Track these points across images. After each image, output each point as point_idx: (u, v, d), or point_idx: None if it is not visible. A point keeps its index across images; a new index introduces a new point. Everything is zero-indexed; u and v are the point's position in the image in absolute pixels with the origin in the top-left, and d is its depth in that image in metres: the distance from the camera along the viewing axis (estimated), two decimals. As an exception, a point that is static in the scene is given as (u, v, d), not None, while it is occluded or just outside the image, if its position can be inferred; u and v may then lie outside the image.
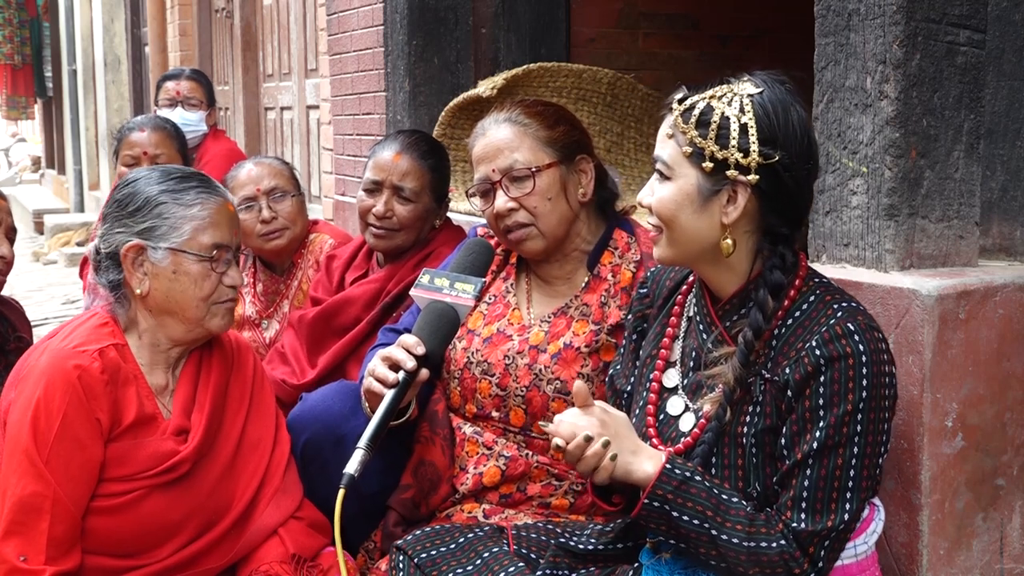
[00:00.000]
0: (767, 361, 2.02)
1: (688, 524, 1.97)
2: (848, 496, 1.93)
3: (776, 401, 1.99)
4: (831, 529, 1.93)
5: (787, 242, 2.05)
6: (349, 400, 2.72)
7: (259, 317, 3.81)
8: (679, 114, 2.05)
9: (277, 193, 3.72)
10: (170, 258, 2.39)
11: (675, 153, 2.05)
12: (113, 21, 12.55)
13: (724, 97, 2.02)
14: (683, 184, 2.04)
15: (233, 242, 2.47)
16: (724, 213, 2.02)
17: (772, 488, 2.00)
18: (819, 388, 1.94)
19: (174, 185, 2.43)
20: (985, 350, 2.28)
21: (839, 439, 1.92)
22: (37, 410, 2.27)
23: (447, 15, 4.65)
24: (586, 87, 3.62)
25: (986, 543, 2.31)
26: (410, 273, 3.22)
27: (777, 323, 2.03)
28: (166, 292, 2.40)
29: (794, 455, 1.95)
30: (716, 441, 2.04)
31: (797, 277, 2.05)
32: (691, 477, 1.98)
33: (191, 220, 2.40)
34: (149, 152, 4.45)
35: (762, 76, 2.05)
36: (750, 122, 1.98)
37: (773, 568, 1.94)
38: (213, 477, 2.45)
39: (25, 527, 2.25)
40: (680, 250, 2.09)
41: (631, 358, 2.30)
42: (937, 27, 2.29)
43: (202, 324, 2.44)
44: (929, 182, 2.33)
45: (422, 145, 3.33)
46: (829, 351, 1.93)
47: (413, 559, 2.24)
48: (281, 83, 7.64)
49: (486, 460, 2.63)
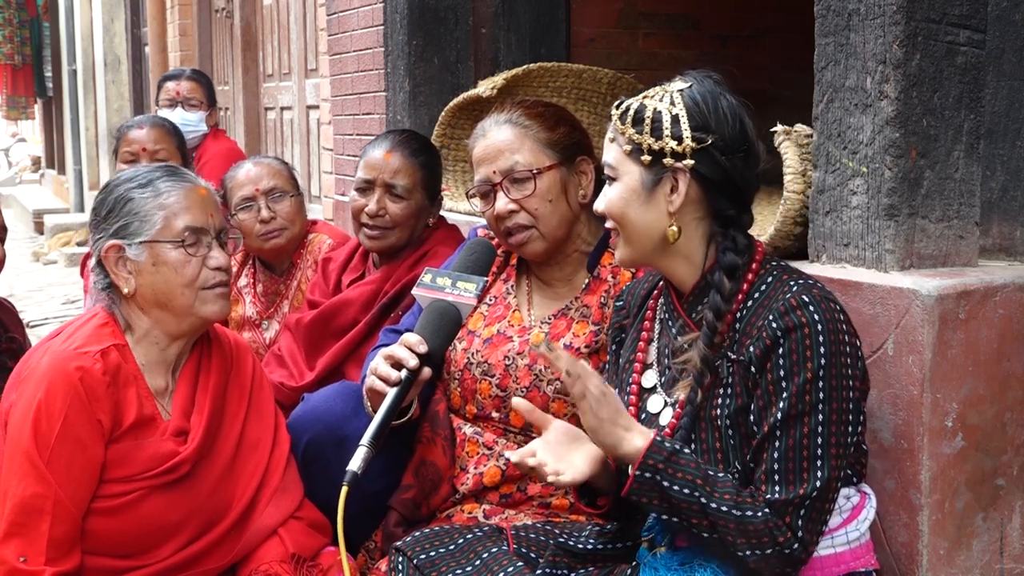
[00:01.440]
0: (732, 343, 2.06)
1: (679, 494, 1.98)
2: (819, 464, 1.96)
3: (744, 380, 2.03)
4: (804, 496, 1.95)
5: (736, 225, 2.13)
6: (351, 401, 2.72)
7: (259, 318, 3.81)
8: (617, 117, 2.14)
9: (276, 193, 3.72)
10: (147, 251, 2.39)
11: (617, 154, 2.14)
12: (113, 21, 12.54)
13: (656, 95, 2.12)
14: (628, 181, 2.12)
15: (210, 224, 2.45)
16: (669, 202, 2.10)
17: (748, 466, 2.03)
18: (779, 360, 1.98)
19: (139, 181, 2.43)
20: (985, 350, 2.28)
21: (803, 408, 1.96)
22: (38, 412, 2.28)
23: (447, 15, 4.65)
24: (586, 87, 3.62)
25: (986, 543, 2.31)
26: (406, 274, 3.22)
27: (738, 306, 2.08)
28: (151, 286, 2.40)
29: (762, 429, 2.00)
30: (693, 426, 2.08)
31: (754, 260, 2.11)
32: (680, 450, 2.01)
33: (160, 209, 2.40)
34: (148, 148, 4.44)
35: (692, 73, 2.15)
36: (681, 112, 2.08)
37: (760, 537, 1.96)
38: (213, 478, 2.46)
39: (26, 528, 2.25)
40: (636, 247, 2.16)
41: (614, 369, 2.33)
42: (937, 27, 2.29)
43: (193, 312, 2.43)
44: (929, 182, 2.33)
45: (413, 143, 3.33)
46: (785, 323, 1.98)
47: (412, 560, 2.24)
48: (281, 83, 7.64)
49: (486, 460, 2.63)
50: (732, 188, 2.11)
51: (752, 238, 2.15)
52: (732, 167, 2.09)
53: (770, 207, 3.01)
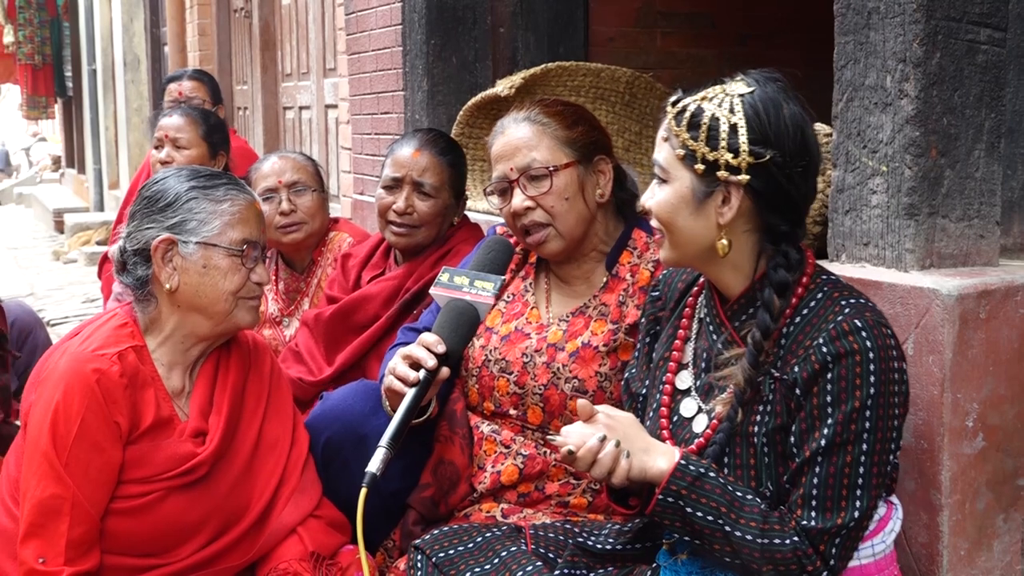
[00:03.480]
0: (776, 360, 2.01)
1: (702, 520, 1.96)
2: (858, 494, 1.92)
3: (786, 400, 1.99)
4: (841, 527, 1.92)
5: (789, 240, 2.05)
6: (370, 400, 2.72)
7: (280, 315, 3.82)
8: (672, 117, 2.05)
9: (298, 187, 3.74)
10: (200, 252, 2.40)
11: (669, 156, 2.06)
12: (132, 21, 12.60)
13: (715, 98, 2.02)
14: (678, 187, 2.05)
15: (261, 239, 2.49)
16: (720, 214, 2.02)
17: (784, 486, 1.99)
18: (827, 385, 1.93)
19: (204, 182, 2.45)
20: (1006, 350, 2.26)
21: (847, 436, 1.91)
22: (56, 414, 2.28)
23: (465, 14, 4.65)
24: (604, 86, 3.60)
25: (1007, 544, 2.30)
26: (429, 271, 3.22)
27: (785, 321, 2.02)
28: (196, 286, 2.41)
29: (803, 453, 1.95)
30: (728, 441, 2.03)
31: (804, 275, 2.04)
32: (705, 473, 1.97)
33: (221, 215, 2.42)
34: (170, 136, 4.57)
35: (755, 75, 2.04)
36: (740, 122, 1.98)
37: (787, 565, 1.93)
38: (231, 478, 2.46)
39: (45, 529, 2.26)
40: (681, 252, 2.09)
41: (645, 361, 2.30)
42: (957, 25, 2.28)
43: (229, 319, 2.45)
44: (949, 181, 2.32)
45: (440, 142, 3.34)
46: (836, 348, 1.92)
47: (431, 558, 2.24)
48: (300, 82, 7.66)
49: (504, 459, 2.63)
50: (787, 203, 2.03)
51: (804, 251, 2.07)
52: (789, 182, 2.00)
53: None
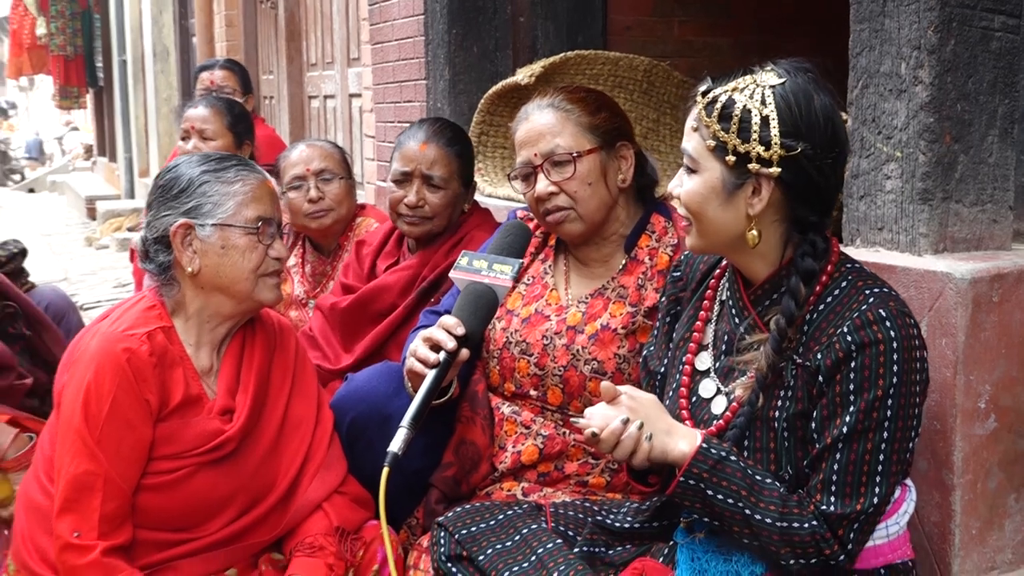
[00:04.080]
0: (799, 346, 1.99)
1: (722, 503, 1.95)
2: (878, 480, 1.91)
3: (807, 386, 1.97)
4: (860, 512, 1.91)
5: (817, 229, 2.02)
6: (393, 381, 2.73)
7: (306, 297, 3.84)
8: (702, 107, 2.01)
9: (326, 175, 3.75)
10: (217, 233, 2.41)
11: (699, 146, 2.02)
12: (161, 13, 12.61)
13: (746, 89, 1.98)
14: (708, 177, 2.01)
15: (275, 216, 2.49)
16: (749, 205, 1.99)
17: (803, 471, 1.98)
18: (850, 373, 1.91)
19: (214, 165, 2.46)
20: (1018, 333, 2.25)
21: (869, 424, 1.90)
22: (88, 392, 2.30)
23: (486, 4, 4.64)
24: (622, 74, 3.59)
25: (1018, 523, 2.29)
26: (444, 259, 3.22)
27: (809, 308, 2.00)
28: (216, 267, 2.42)
29: (824, 439, 1.93)
30: (748, 425, 2.02)
31: (829, 263, 2.02)
32: (726, 457, 1.97)
33: (234, 196, 2.43)
34: (196, 127, 4.56)
35: (785, 65, 2.00)
36: (771, 114, 1.94)
37: (805, 548, 1.93)
38: (258, 455, 2.47)
39: (79, 504, 2.27)
40: (709, 240, 2.07)
41: (664, 340, 2.29)
42: (971, 12, 2.26)
43: (252, 297, 2.45)
44: (963, 166, 2.31)
45: (447, 132, 3.32)
46: (860, 337, 1.90)
47: (454, 535, 2.25)
48: (324, 72, 7.66)
49: (524, 439, 2.63)
50: (817, 194, 2.00)
51: (830, 240, 2.04)
52: (819, 174, 1.97)
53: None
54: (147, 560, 2.35)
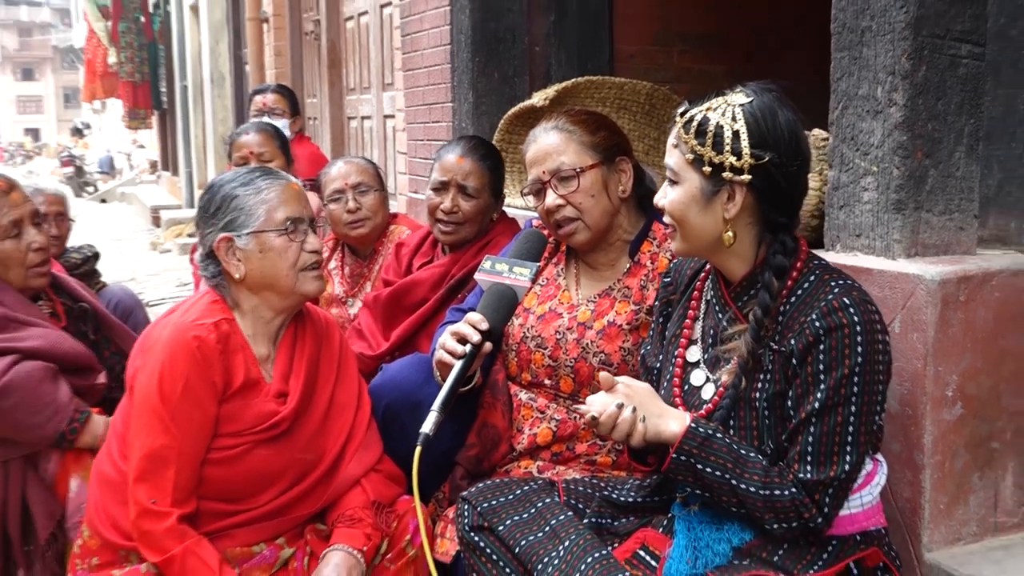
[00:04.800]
0: (775, 334, 2.00)
1: (711, 475, 1.96)
2: (848, 449, 1.92)
3: (783, 369, 1.98)
4: (834, 478, 1.92)
5: (786, 229, 2.04)
6: (423, 370, 2.72)
7: (345, 296, 3.84)
8: (681, 126, 2.04)
9: (362, 188, 3.75)
10: (254, 240, 2.41)
11: (680, 160, 2.04)
12: (218, 43, 12.68)
13: (718, 108, 2.00)
14: (688, 187, 2.03)
15: (305, 214, 2.47)
16: (725, 210, 2.01)
17: (783, 445, 1.99)
18: (819, 355, 1.92)
19: (242, 180, 2.46)
20: (982, 328, 2.23)
21: (838, 399, 1.91)
22: (163, 375, 2.30)
23: (505, 35, 4.64)
24: (627, 98, 3.58)
25: (981, 499, 2.27)
26: (472, 259, 3.22)
27: (782, 301, 2.01)
28: (260, 270, 2.42)
29: (799, 415, 1.94)
30: (733, 406, 2.03)
31: (799, 260, 2.04)
32: (713, 435, 1.98)
33: (263, 204, 2.42)
34: (255, 151, 4.50)
35: (752, 87, 2.03)
36: (741, 128, 1.97)
37: (786, 513, 1.93)
38: (307, 434, 2.47)
39: (155, 475, 2.28)
40: (692, 244, 2.08)
41: (659, 338, 2.29)
42: (941, 42, 2.25)
43: (296, 290, 2.45)
44: (933, 180, 2.29)
45: (481, 149, 3.33)
46: (827, 322, 1.92)
47: (476, 508, 2.24)
48: (362, 96, 7.67)
49: (539, 422, 2.63)
50: (784, 198, 2.02)
51: (798, 239, 2.07)
52: (785, 180, 2.00)
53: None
54: (206, 529, 2.35)
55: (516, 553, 2.14)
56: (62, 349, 2.90)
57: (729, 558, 2.03)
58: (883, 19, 2.25)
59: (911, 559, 2.23)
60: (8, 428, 2.75)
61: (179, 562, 2.24)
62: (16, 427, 2.75)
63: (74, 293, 3.21)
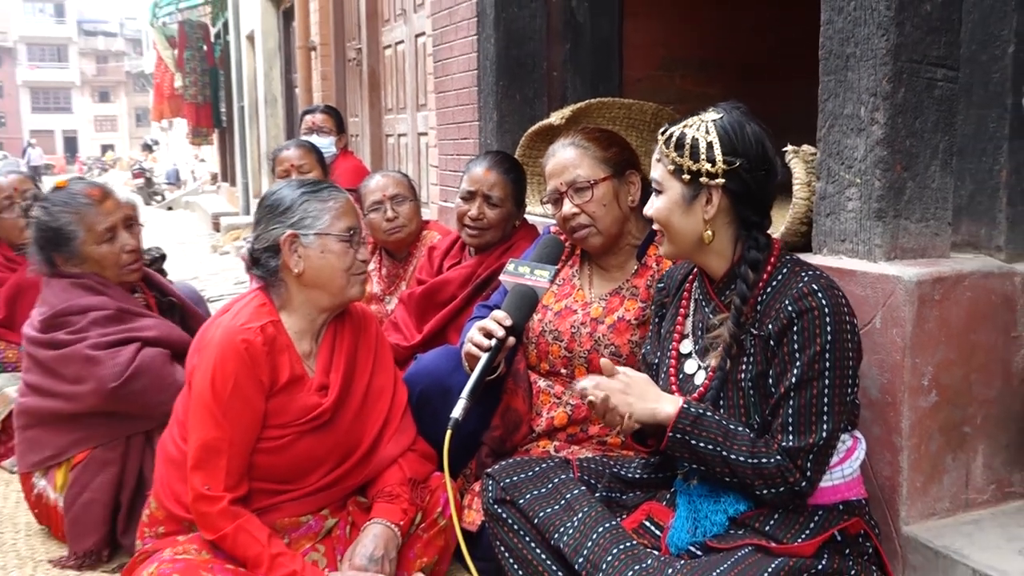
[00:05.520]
0: (755, 322, 2.01)
1: (704, 449, 1.97)
2: (824, 419, 1.93)
3: (764, 351, 1.99)
4: (813, 445, 1.92)
5: (759, 227, 2.07)
6: (452, 360, 2.72)
7: (383, 294, 3.84)
8: (663, 142, 2.09)
9: (399, 198, 3.75)
10: (318, 241, 2.40)
11: (663, 172, 2.09)
12: (271, 68, 12.72)
13: (693, 124, 2.05)
14: (672, 195, 2.07)
15: (359, 226, 2.47)
16: (705, 211, 2.05)
17: (767, 418, 1.99)
18: (794, 336, 1.93)
19: (311, 188, 2.45)
20: (955, 324, 2.21)
21: (812, 374, 1.92)
22: (215, 374, 2.30)
23: (526, 62, 4.63)
24: (635, 117, 3.56)
25: (954, 478, 2.25)
26: (496, 261, 3.21)
27: (760, 291, 2.03)
28: (317, 268, 2.40)
29: (779, 390, 1.95)
30: (721, 387, 2.04)
31: (772, 255, 2.05)
32: (703, 413, 1.99)
33: (329, 211, 2.41)
34: (295, 164, 4.55)
35: (723, 105, 2.07)
36: (714, 139, 2.02)
37: (773, 479, 1.94)
38: (347, 421, 2.46)
39: (208, 464, 2.28)
40: (678, 245, 2.11)
41: (656, 336, 2.29)
42: (919, 66, 2.22)
43: (344, 293, 2.44)
44: (911, 191, 2.27)
45: (505, 163, 3.32)
46: (799, 306, 1.93)
47: (500, 483, 2.24)
48: (398, 115, 7.68)
49: (556, 407, 2.62)
50: (755, 199, 2.06)
51: (771, 237, 2.10)
52: (755, 183, 2.04)
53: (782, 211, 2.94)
54: (260, 504, 2.36)
55: (535, 524, 2.14)
56: (172, 337, 2.94)
57: (726, 527, 2.02)
58: (866, 46, 2.23)
59: (890, 531, 2.21)
60: (138, 406, 2.80)
61: (231, 539, 2.25)
62: (145, 405, 2.79)
63: (163, 288, 3.24)
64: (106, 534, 2.82)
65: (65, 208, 2.93)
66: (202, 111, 17.02)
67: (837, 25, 2.31)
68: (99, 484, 2.81)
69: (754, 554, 1.91)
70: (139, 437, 2.86)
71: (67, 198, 2.96)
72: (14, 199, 4.02)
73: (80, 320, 2.85)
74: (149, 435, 2.86)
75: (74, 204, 2.94)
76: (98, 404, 2.78)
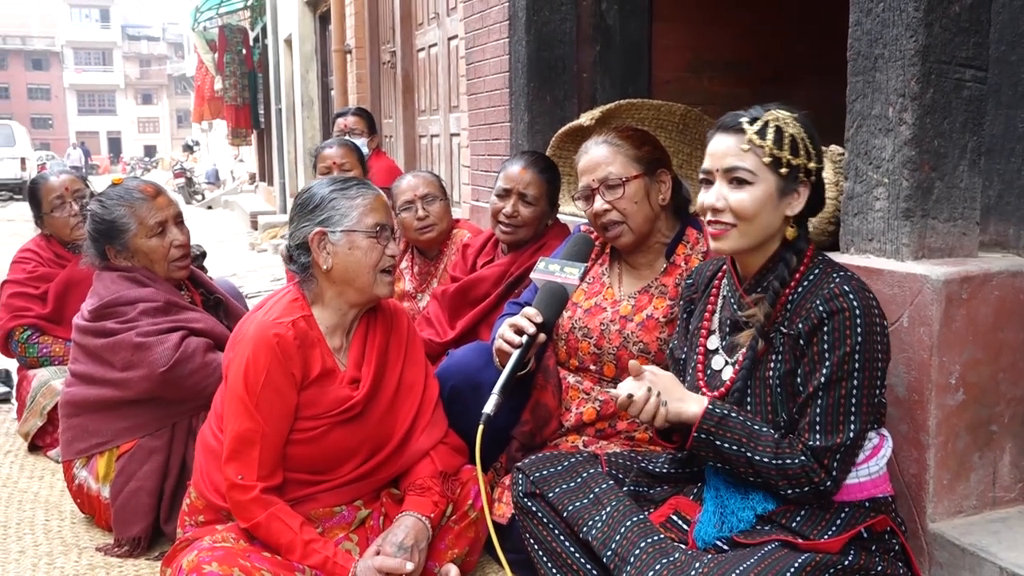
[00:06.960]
0: (784, 320, 1.99)
1: (728, 450, 1.96)
2: (852, 419, 1.90)
3: (793, 350, 1.96)
4: (840, 444, 1.90)
5: (804, 228, 2.07)
6: (483, 356, 2.72)
7: (415, 291, 3.85)
8: (755, 132, 1.98)
9: (429, 198, 3.76)
10: (345, 237, 2.40)
11: (756, 163, 1.98)
12: (308, 72, 12.79)
13: (779, 119, 1.99)
14: (766, 187, 1.99)
15: (389, 222, 2.46)
16: (789, 207, 2.01)
17: (794, 417, 1.97)
18: (824, 336, 1.91)
19: (340, 186, 2.45)
20: (983, 323, 2.18)
21: (841, 374, 1.89)
22: (247, 368, 2.31)
23: (557, 64, 4.62)
24: (663, 118, 3.53)
25: (981, 476, 2.22)
26: (528, 259, 3.21)
27: (791, 291, 2.00)
28: (345, 264, 2.40)
29: (808, 389, 1.93)
30: (747, 382, 2.02)
31: (805, 255, 2.03)
32: (728, 414, 1.97)
33: (357, 208, 2.41)
34: (337, 162, 4.59)
35: (780, 106, 2.02)
36: (806, 136, 1.99)
37: (798, 479, 1.92)
38: (379, 414, 2.47)
39: (241, 455, 2.30)
40: (751, 239, 2.02)
41: (684, 332, 2.28)
42: (947, 67, 2.19)
43: (372, 290, 2.43)
44: (939, 190, 2.24)
45: (540, 162, 3.32)
46: (830, 307, 1.91)
47: (529, 477, 2.24)
48: (431, 117, 7.69)
49: (585, 402, 2.62)
50: (818, 199, 2.06)
51: (808, 238, 2.07)
52: (819, 182, 2.05)
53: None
54: (295, 494, 2.37)
55: (564, 517, 2.13)
56: (216, 331, 2.97)
57: (752, 524, 2.00)
58: (895, 47, 2.20)
59: (917, 529, 2.18)
60: (185, 391, 2.82)
61: (264, 526, 2.26)
62: (193, 388, 2.82)
63: (208, 285, 3.29)
64: (151, 522, 2.86)
65: (120, 202, 2.99)
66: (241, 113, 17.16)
67: (866, 26, 2.28)
68: (145, 472, 2.84)
69: (780, 550, 1.90)
70: (183, 426, 2.89)
71: (122, 192, 3.02)
72: (65, 198, 4.09)
73: (130, 311, 2.89)
74: (191, 424, 2.89)
75: (128, 198, 2.99)
76: (148, 390, 2.82)
